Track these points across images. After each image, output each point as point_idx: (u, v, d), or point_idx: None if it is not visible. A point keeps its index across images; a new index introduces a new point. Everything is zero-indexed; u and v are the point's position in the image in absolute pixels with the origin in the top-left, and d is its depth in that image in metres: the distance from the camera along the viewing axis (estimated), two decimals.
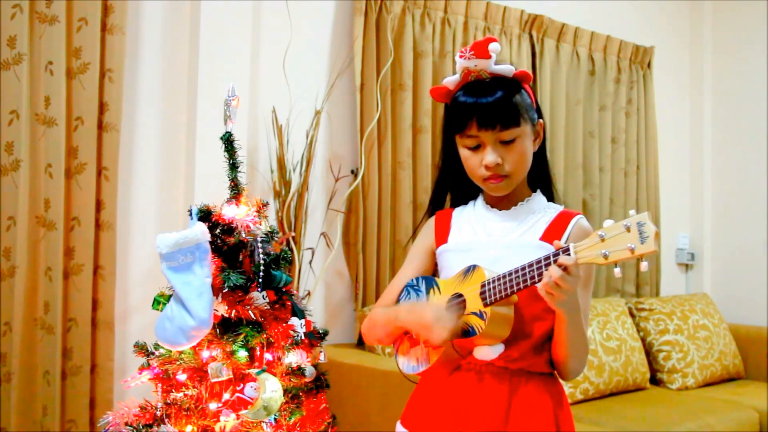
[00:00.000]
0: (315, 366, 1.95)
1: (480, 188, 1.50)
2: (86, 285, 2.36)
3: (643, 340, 3.46)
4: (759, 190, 4.11)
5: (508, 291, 1.27)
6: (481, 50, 1.40)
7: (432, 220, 1.55)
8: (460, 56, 1.42)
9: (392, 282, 1.56)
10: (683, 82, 4.42)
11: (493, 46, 1.38)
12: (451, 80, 1.47)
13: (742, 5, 4.25)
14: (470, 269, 1.34)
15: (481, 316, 1.30)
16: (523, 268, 1.25)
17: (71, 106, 2.35)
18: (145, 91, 2.59)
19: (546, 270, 1.21)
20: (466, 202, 1.54)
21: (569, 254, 1.19)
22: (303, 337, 1.94)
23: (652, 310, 3.53)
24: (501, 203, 1.47)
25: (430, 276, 1.48)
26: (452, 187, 1.56)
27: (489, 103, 1.37)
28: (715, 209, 4.34)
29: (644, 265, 1.15)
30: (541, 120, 1.46)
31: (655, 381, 3.43)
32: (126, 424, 1.77)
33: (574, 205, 3.67)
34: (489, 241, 1.43)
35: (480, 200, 1.51)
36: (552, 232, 1.41)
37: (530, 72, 1.46)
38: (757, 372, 3.70)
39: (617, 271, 1.17)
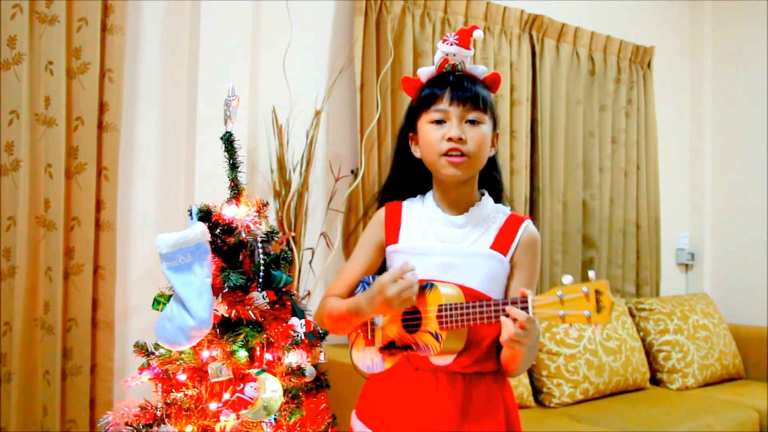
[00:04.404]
0: (315, 366, 1.95)
1: (429, 186, 1.52)
2: (86, 285, 2.36)
3: (643, 340, 3.46)
4: (759, 190, 4.11)
5: (464, 322, 1.31)
6: (464, 38, 1.44)
7: (382, 212, 1.55)
8: (443, 41, 1.46)
9: (341, 274, 1.57)
10: (683, 82, 4.42)
11: (476, 33, 1.44)
12: (425, 71, 1.50)
13: (742, 5, 4.24)
14: (428, 286, 1.37)
15: (436, 337, 1.34)
16: (482, 305, 1.29)
17: (71, 106, 2.35)
18: (145, 91, 2.59)
19: (503, 313, 1.26)
20: (414, 195, 1.55)
21: (527, 305, 1.24)
22: (303, 337, 1.93)
23: (652, 310, 3.53)
24: (452, 205, 1.48)
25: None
26: (403, 181, 1.56)
27: (463, 83, 1.43)
28: (715, 209, 4.34)
29: (598, 330, 1.22)
30: (497, 132, 1.50)
31: (655, 381, 3.44)
32: (126, 424, 1.77)
33: (574, 205, 3.68)
34: (441, 247, 1.44)
35: (430, 199, 1.51)
36: (502, 240, 1.44)
37: (500, 77, 1.50)
38: (757, 372, 3.70)
39: (572, 331, 1.24)
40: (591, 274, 1.20)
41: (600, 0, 3.99)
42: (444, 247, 1.44)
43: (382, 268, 1.56)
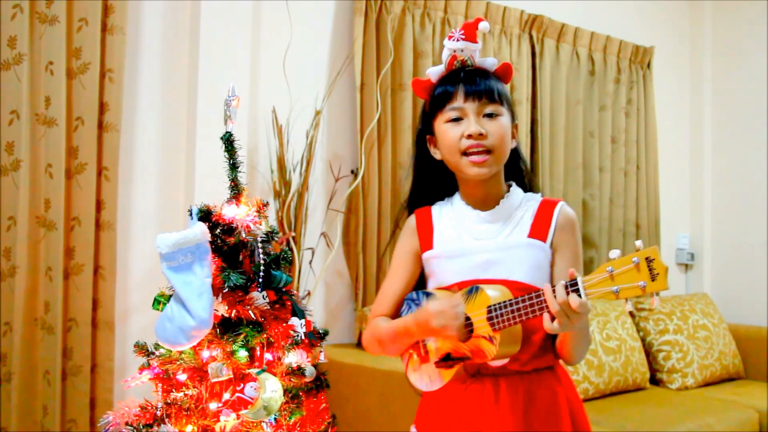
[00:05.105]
0: (315, 366, 1.95)
1: (456, 186, 1.49)
2: (86, 285, 2.36)
3: (642, 340, 3.46)
4: (759, 190, 4.11)
5: (517, 320, 1.26)
6: (470, 31, 1.41)
7: (412, 220, 1.52)
8: (449, 38, 1.43)
9: (383, 289, 1.52)
10: (683, 82, 4.42)
11: (482, 26, 1.40)
12: (434, 71, 1.47)
13: (742, 5, 4.24)
14: (473, 290, 1.32)
15: (491, 340, 1.29)
16: (530, 298, 1.24)
17: (71, 106, 2.35)
18: (145, 91, 2.60)
19: (553, 299, 1.21)
20: (442, 198, 1.52)
21: (577, 288, 1.19)
22: (303, 337, 1.94)
23: (652, 310, 3.53)
24: (481, 202, 1.45)
25: (430, 292, 1.45)
26: (428, 186, 1.53)
27: (476, 78, 1.40)
28: (715, 209, 4.34)
29: (656, 301, 1.16)
30: (516, 122, 1.47)
31: (654, 381, 3.43)
32: (126, 424, 1.77)
33: (574, 205, 3.67)
34: (477, 245, 1.41)
35: (458, 199, 1.48)
36: (538, 227, 1.40)
37: (512, 66, 1.47)
38: (757, 372, 3.70)
39: (629, 306, 1.18)
40: (638, 243, 1.15)
41: (600, 0, 3.99)
42: (480, 244, 1.40)
43: (423, 277, 1.52)
